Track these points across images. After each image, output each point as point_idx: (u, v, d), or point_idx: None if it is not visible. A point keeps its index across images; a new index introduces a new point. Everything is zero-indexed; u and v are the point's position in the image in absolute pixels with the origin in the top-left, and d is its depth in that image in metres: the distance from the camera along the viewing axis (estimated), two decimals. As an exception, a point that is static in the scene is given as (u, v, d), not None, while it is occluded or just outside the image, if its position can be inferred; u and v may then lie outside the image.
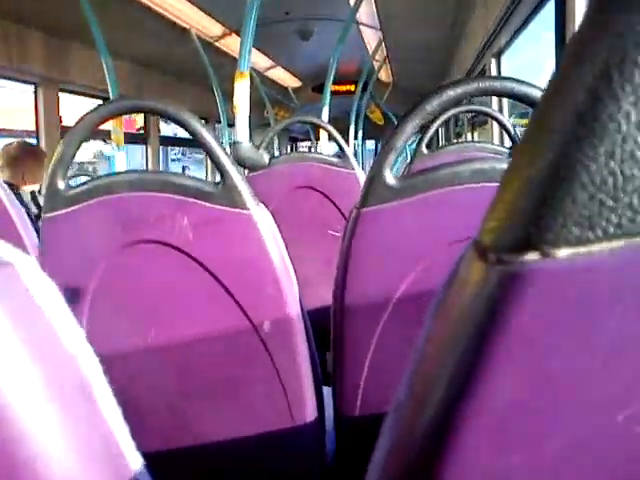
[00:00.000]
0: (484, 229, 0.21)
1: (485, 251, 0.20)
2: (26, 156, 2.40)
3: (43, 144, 3.97)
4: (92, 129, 1.00)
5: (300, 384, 1.00)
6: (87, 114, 0.99)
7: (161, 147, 6.26)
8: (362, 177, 1.86)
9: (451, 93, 0.86)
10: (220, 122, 6.44)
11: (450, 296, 0.23)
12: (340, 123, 8.23)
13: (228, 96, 3.38)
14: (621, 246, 0.18)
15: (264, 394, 1.01)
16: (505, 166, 0.83)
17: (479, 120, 4.43)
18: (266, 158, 2.02)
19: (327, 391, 1.08)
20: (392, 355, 0.85)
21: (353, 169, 1.92)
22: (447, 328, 0.22)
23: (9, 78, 3.93)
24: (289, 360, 0.98)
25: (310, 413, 1.02)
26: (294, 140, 12.21)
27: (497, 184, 0.66)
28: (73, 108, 4.61)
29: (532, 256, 0.19)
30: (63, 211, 0.99)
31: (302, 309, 0.99)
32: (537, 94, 0.85)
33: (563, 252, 0.18)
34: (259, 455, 1.05)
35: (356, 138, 8.51)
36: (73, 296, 0.99)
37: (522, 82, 0.87)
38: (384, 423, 0.26)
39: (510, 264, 0.19)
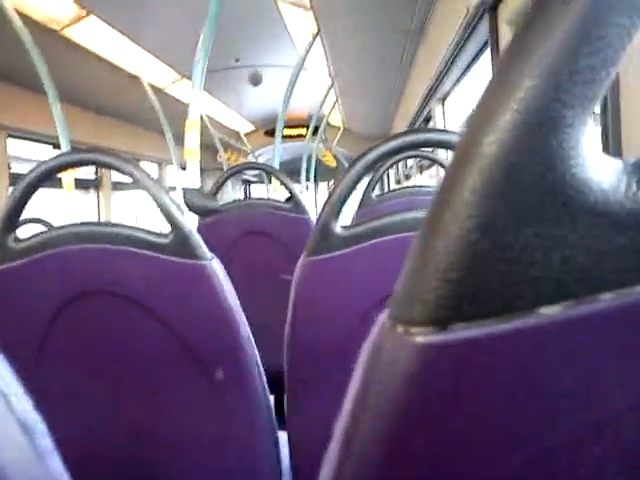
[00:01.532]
0: (393, 299, 0.23)
1: (394, 320, 0.22)
2: None
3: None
4: (38, 184, 0.99)
5: (255, 431, 0.99)
6: (34, 171, 0.98)
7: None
8: (314, 221, 1.88)
9: (392, 144, 0.90)
10: (171, 164, 6.44)
11: (368, 359, 0.24)
12: (292, 166, 8.35)
13: (180, 140, 3.40)
14: (506, 325, 0.20)
15: (219, 441, 0.99)
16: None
17: (427, 163, 4.55)
18: (217, 204, 2.02)
19: (284, 435, 1.07)
20: (340, 400, 0.85)
21: (305, 214, 1.93)
22: (365, 390, 0.23)
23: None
24: (244, 407, 0.97)
25: (266, 460, 1.01)
26: (247, 183, 12.26)
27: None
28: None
29: (432, 329, 0.20)
30: (11, 264, 0.97)
31: (256, 355, 0.99)
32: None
33: (459, 326, 0.20)
34: None
35: (307, 180, 8.61)
36: (24, 349, 0.97)
37: (445, 132, 0.93)
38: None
39: (413, 336, 0.21)
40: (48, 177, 1.00)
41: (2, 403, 0.29)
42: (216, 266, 0.96)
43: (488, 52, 2.28)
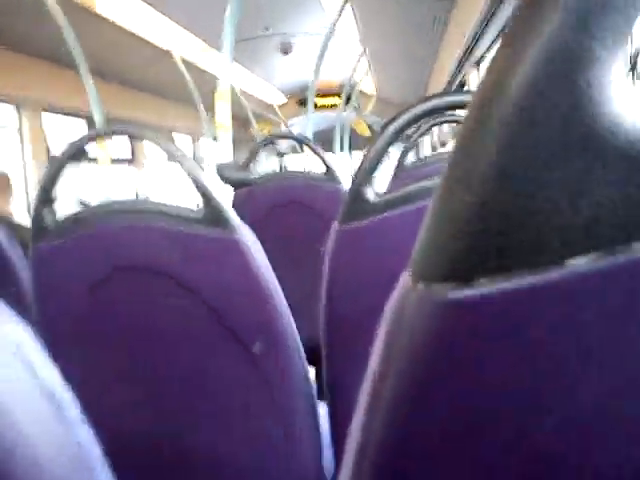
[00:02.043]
0: (413, 258, 0.22)
1: (416, 278, 0.21)
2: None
3: (29, 167, 3.96)
4: (73, 157, 1.00)
5: (294, 402, 1.00)
6: (67, 145, 0.99)
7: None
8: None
9: (421, 108, 0.87)
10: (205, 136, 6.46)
11: (390, 319, 0.23)
12: (325, 135, 8.29)
13: (212, 112, 3.41)
14: (533, 278, 0.19)
15: (258, 414, 1.00)
16: None
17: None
18: (250, 176, 2.02)
19: (323, 406, 1.08)
20: None
21: (339, 184, 1.92)
22: (388, 351, 0.23)
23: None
24: (282, 378, 0.98)
25: (306, 431, 1.02)
26: (281, 154, 12.25)
27: None
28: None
29: (454, 285, 0.20)
30: (50, 243, 0.99)
31: (292, 327, 0.99)
32: None
33: (483, 281, 0.19)
34: (256, 476, 1.05)
35: (342, 149, 8.55)
36: (62, 325, 0.99)
37: (472, 93, 0.89)
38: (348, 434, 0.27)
39: (436, 293, 0.20)
40: (83, 150, 1.01)
41: (29, 374, 0.29)
42: (250, 238, 0.96)
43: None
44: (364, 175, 0.89)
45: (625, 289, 0.19)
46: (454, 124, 4.09)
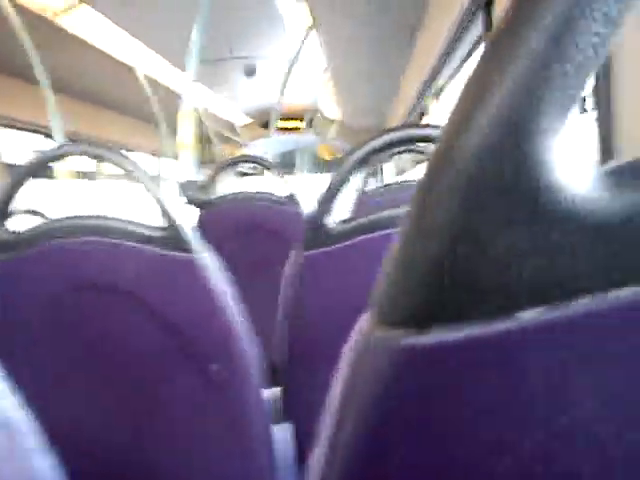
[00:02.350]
0: (374, 300, 0.23)
1: (374, 323, 0.22)
2: None
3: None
4: (30, 175, 0.98)
5: (250, 423, 0.99)
6: (26, 163, 0.98)
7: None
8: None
9: (376, 143, 0.90)
10: (167, 156, 6.40)
11: (349, 360, 0.25)
12: (287, 158, 8.32)
13: (174, 131, 3.38)
14: (483, 329, 0.20)
15: (214, 434, 1.00)
16: None
17: (422, 157, 4.55)
18: (213, 196, 2.02)
19: (286, 425, 1.08)
20: None
21: (300, 208, 1.94)
22: (346, 392, 0.24)
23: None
24: (238, 399, 0.98)
25: (260, 452, 1.02)
26: (243, 175, 12.21)
27: None
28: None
29: (410, 332, 0.21)
30: (4, 257, 0.97)
31: (251, 349, 0.99)
32: None
33: (439, 329, 0.20)
34: None
35: (302, 172, 8.60)
36: (16, 341, 0.97)
37: (430, 127, 0.93)
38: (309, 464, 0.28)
39: (393, 338, 0.21)
40: (41, 168, 1.00)
41: None
42: (210, 260, 0.96)
43: (481, 48, 2.28)
44: (325, 203, 0.90)
45: (567, 342, 0.20)
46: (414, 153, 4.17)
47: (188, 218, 0.98)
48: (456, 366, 0.21)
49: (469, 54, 2.84)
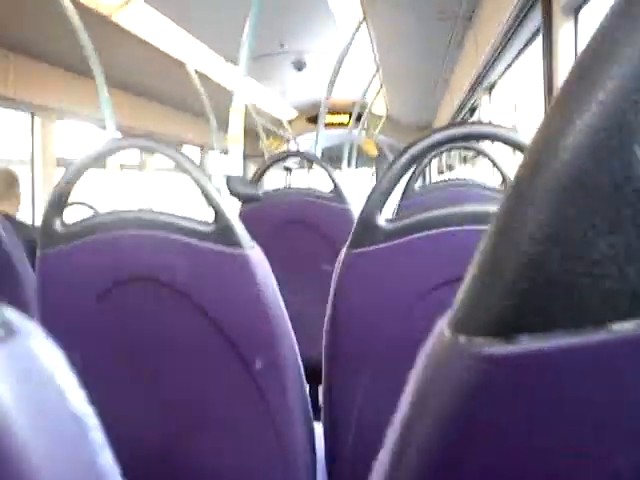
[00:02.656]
0: (456, 308, 0.22)
1: (456, 330, 0.21)
2: (6, 181, 2.32)
3: (38, 173, 3.98)
4: (87, 168, 1.01)
5: (291, 421, 0.99)
6: (83, 157, 1.00)
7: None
8: (356, 211, 1.87)
9: (438, 137, 0.88)
10: (214, 149, 6.49)
11: (426, 368, 0.24)
12: (333, 153, 8.34)
13: (223, 125, 3.42)
14: (575, 339, 0.19)
15: (255, 431, 1.00)
16: (492, 208, 0.85)
17: (470, 154, 4.48)
18: (259, 191, 2.03)
19: (319, 426, 1.08)
20: (383, 395, 0.85)
21: (346, 204, 1.93)
22: (422, 400, 0.23)
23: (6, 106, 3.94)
24: (280, 397, 0.98)
25: (301, 450, 1.02)
26: (289, 170, 12.30)
27: (484, 227, 0.67)
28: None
29: (496, 340, 0.20)
30: (58, 248, 0.99)
31: (294, 346, 0.99)
32: (519, 138, 0.88)
33: (525, 339, 0.19)
34: None
35: (349, 167, 8.60)
36: (68, 332, 0.99)
37: (502, 127, 0.91)
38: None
39: (476, 347, 0.20)
40: (96, 162, 1.02)
41: (59, 397, 0.29)
42: (258, 255, 0.97)
43: (539, 41, 2.22)
44: (376, 200, 0.89)
45: None
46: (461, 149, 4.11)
47: (236, 212, 0.98)
48: (544, 378, 0.20)
49: (524, 48, 2.77)
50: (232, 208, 0.99)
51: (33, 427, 0.26)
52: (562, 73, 1.74)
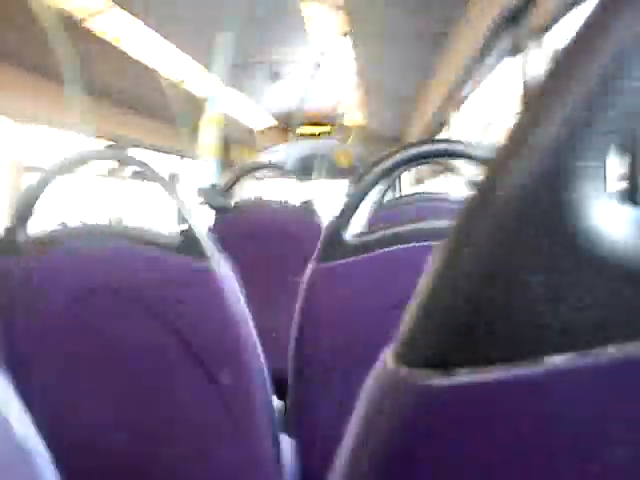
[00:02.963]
0: (399, 339, 0.23)
1: (398, 361, 0.22)
2: None
3: (3, 180, 3.90)
4: (54, 178, 1.00)
5: (258, 434, 0.99)
6: (50, 166, 0.99)
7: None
8: (325, 224, 1.88)
9: (404, 156, 0.90)
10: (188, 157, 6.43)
11: (368, 398, 0.24)
12: (305, 164, 8.33)
13: (196, 133, 3.40)
14: (511, 372, 0.20)
15: (221, 441, 1.00)
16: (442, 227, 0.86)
17: (439, 168, 4.54)
18: (230, 201, 2.03)
19: (287, 439, 1.07)
20: (350, 408, 0.85)
21: (316, 216, 1.94)
22: (365, 430, 0.24)
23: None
24: (246, 410, 0.98)
25: (268, 463, 1.02)
26: (260, 179, 12.23)
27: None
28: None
29: (436, 373, 0.21)
30: (21, 258, 0.97)
31: (260, 359, 0.99)
32: (486, 156, 0.90)
33: (464, 371, 0.20)
34: None
35: (320, 177, 8.61)
36: (29, 342, 0.98)
37: (459, 143, 0.93)
38: None
39: (416, 379, 0.21)
40: (64, 172, 1.01)
41: (2, 426, 0.29)
42: (224, 269, 0.97)
43: (506, 62, 2.27)
44: (344, 215, 0.90)
45: (602, 389, 0.20)
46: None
47: (204, 223, 0.98)
48: (482, 410, 0.20)
49: (492, 68, 2.83)
50: (203, 218, 0.99)
51: None
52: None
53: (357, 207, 0.91)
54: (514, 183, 0.20)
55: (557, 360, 0.19)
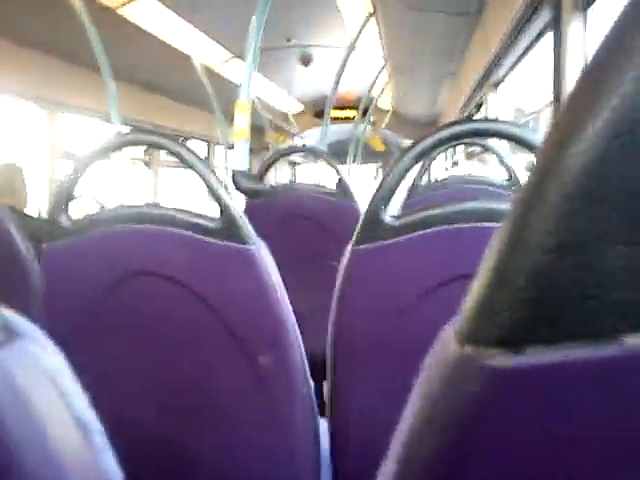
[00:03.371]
0: (463, 318, 0.21)
1: (463, 340, 0.21)
2: (9, 175, 2.31)
3: (43, 166, 3.98)
4: (93, 162, 1.01)
5: (295, 417, 1.00)
6: (89, 150, 1.01)
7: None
8: (361, 207, 1.87)
9: (445, 134, 0.88)
10: (220, 143, 6.48)
11: (430, 378, 0.23)
12: (339, 148, 8.32)
13: (229, 119, 3.41)
14: (586, 352, 0.19)
15: (260, 426, 1.00)
16: (501, 206, 0.84)
17: (476, 151, 4.47)
18: (264, 186, 2.03)
19: (324, 422, 1.08)
20: (387, 391, 0.85)
21: (352, 200, 1.93)
22: (427, 409, 0.23)
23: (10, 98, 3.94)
24: (284, 393, 0.98)
25: (305, 445, 1.02)
26: (293, 164, 12.30)
27: (492, 224, 0.66)
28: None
29: (504, 352, 0.19)
30: (64, 242, 0.99)
31: (299, 342, 0.99)
32: (532, 137, 0.87)
33: (535, 350, 0.19)
34: None
35: (354, 162, 8.59)
36: (72, 326, 0.99)
37: (513, 124, 0.90)
38: None
39: (484, 358, 0.20)
40: (102, 156, 1.03)
41: (61, 402, 0.29)
42: (263, 250, 0.97)
43: (546, 38, 2.21)
44: (382, 197, 0.89)
45: None
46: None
47: (241, 206, 0.98)
48: (552, 391, 0.19)
49: (532, 45, 2.75)
50: (238, 203, 0.99)
51: (34, 433, 0.26)
52: (571, 71, 1.73)
53: (396, 188, 0.90)
54: (588, 146, 0.18)
55: (635, 340, 0.18)
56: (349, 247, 0.93)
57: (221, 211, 0.95)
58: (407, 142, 8.64)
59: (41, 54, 3.88)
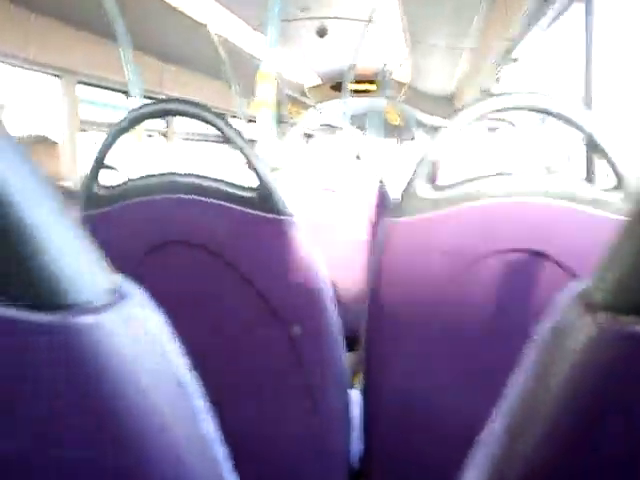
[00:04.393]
0: (595, 287, 0.22)
1: (595, 309, 0.21)
2: (42, 147, 2.33)
3: (63, 136, 3.99)
4: (124, 132, 1.01)
5: (327, 386, 1.01)
6: (122, 119, 1.01)
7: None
8: (383, 181, 1.87)
9: (488, 107, 0.87)
10: (235, 117, 6.43)
11: (552, 346, 0.24)
12: (356, 121, 8.23)
13: (246, 92, 3.37)
14: None
15: (291, 395, 1.02)
16: (543, 183, 0.83)
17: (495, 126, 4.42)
18: (289, 158, 2.03)
19: (355, 392, 1.09)
20: (421, 362, 0.86)
21: (373, 173, 1.93)
22: (551, 378, 0.23)
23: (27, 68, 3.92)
24: (318, 361, 1.00)
25: (337, 413, 1.04)
26: (308, 136, 12.17)
27: (526, 199, 0.66)
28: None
29: None
30: (99, 211, 1.00)
31: (334, 312, 1.00)
32: (570, 111, 0.87)
33: None
34: (284, 452, 1.07)
35: (372, 135, 8.52)
36: None
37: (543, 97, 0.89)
38: (473, 454, 0.27)
39: (623, 325, 0.20)
40: (135, 125, 1.03)
41: (166, 363, 0.30)
42: (297, 222, 0.98)
43: (567, 14, 2.17)
44: (423, 169, 0.90)
45: None
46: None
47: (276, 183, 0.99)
48: None
49: (557, 17, 2.70)
50: (273, 176, 1.00)
51: (138, 390, 0.27)
52: (599, 44, 1.71)
53: (434, 161, 0.90)
54: None
55: None
56: (386, 219, 0.93)
57: (258, 182, 0.96)
58: (423, 116, 8.54)
59: (56, 24, 3.86)
